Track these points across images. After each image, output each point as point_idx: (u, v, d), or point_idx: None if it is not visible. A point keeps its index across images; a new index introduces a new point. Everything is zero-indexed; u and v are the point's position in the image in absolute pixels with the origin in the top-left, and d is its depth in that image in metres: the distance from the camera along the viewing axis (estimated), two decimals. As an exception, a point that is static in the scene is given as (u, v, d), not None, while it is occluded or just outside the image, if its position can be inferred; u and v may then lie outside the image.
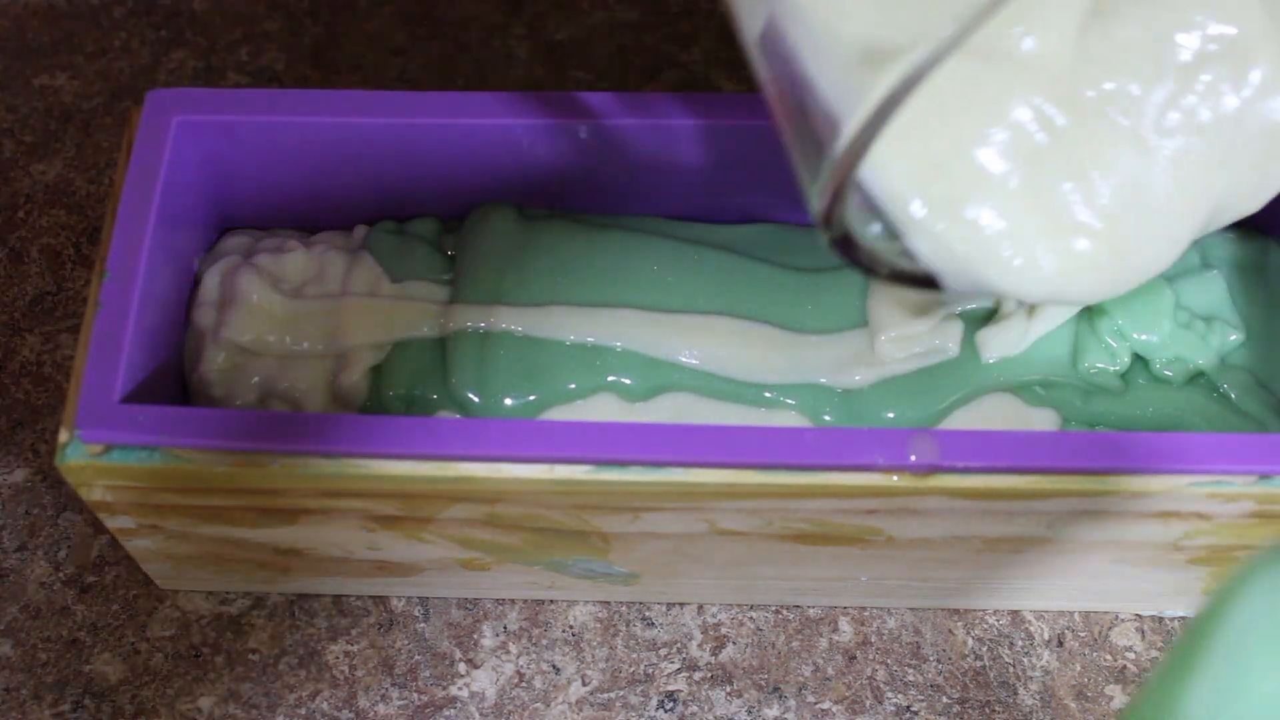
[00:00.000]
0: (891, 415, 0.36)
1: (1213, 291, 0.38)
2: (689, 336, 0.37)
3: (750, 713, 0.38)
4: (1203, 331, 0.37)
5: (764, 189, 0.38)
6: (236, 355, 0.37)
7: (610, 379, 0.37)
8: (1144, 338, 0.37)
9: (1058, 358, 0.37)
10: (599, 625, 0.39)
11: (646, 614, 0.40)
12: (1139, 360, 0.37)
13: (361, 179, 0.38)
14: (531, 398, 0.36)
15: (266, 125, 0.37)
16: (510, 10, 0.50)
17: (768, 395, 0.37)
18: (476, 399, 0.36)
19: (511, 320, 0.37)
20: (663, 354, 0.37)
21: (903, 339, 0.37)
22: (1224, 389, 0.37)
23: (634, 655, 0.39)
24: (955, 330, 0.37)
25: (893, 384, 0.37)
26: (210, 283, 0.38)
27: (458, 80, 0.48)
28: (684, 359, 0.37)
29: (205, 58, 0.49)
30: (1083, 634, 0.39)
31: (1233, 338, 0.37)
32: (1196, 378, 0.37)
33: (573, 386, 0.37)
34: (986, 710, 0.38)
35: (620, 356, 0.37)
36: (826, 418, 0.36)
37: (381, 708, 0.38)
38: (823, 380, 0.37)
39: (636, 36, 0.49)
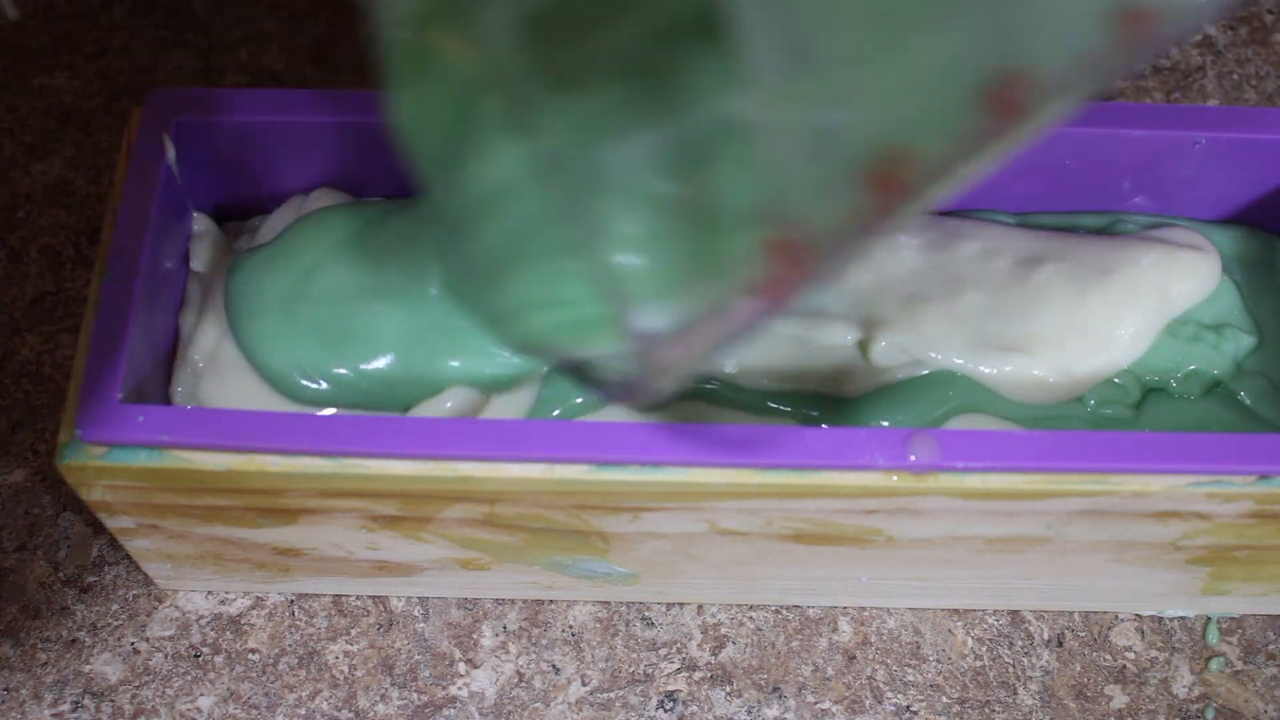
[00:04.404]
0: (885, 424, 0.36)
1: (1222, 299, 0.38)
2: None
3: (750, 713, 0.38)
4: (1213, 342, 0.37)
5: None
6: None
7: None
8: (1150, 378, 0.37)
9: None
10: (599, 625, 0.39)
11: (646, 614, 0.40)
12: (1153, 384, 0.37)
13: (362, 179, 0.38)
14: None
15: (266, 125, 0.37)
16: (510, 10, 0.50)
17: (770, 405, 0.37)
18: None
19: None
20: None
21: (896, 348, 0.37)
22: (1240, 397, 0.36)
23: (634, 655, 0.39)
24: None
25: (887, 392, 0.36)
26: (193, 285, 0.38)
27: (458, 80, 0.48)
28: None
29: (205, 58, 0.49)
30: (1082, 634, 0.39)
31: (1245, 341, 0.37)
32: (1213, 388, 0.37)
33: (580, 401, 0.37)
34: (986, 710, 0.38)
35: None
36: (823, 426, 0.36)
37: (381, 708, 0.38)
38: (819, 389, 0.37)
39: (636, 36, 0.49)
